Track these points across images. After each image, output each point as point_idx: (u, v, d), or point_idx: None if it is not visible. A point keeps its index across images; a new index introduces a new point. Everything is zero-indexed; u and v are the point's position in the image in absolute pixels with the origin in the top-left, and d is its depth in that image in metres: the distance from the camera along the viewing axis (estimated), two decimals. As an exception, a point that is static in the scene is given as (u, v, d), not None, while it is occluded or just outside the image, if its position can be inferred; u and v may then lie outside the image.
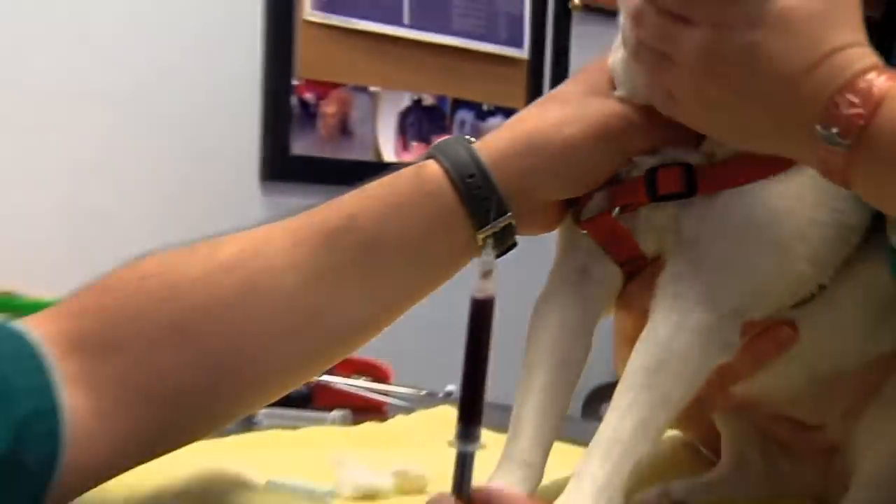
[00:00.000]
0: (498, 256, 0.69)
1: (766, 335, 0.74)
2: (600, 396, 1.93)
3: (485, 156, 0.68)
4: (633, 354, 0.69)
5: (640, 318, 0.73)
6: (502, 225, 0.68)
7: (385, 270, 0.69)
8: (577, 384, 0.98)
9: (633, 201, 0.70)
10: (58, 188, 2.05)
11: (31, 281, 1.72)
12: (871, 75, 0.61)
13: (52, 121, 2.05)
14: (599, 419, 0.77)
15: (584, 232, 0.72)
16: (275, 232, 0.68)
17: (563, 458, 0.79)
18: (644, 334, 0.70)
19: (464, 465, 0.54)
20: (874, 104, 0.60)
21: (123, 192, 2.11)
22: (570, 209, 0.73)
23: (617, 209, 0.70)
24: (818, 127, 0.60)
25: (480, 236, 0.68)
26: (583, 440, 0.72)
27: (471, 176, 0.68)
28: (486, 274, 0.53)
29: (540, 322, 0.76)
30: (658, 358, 0.68)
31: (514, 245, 0.71)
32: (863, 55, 0.62)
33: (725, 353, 0.70)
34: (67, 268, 1.62)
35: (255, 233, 0.68)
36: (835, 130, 0.60)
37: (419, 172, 0.69)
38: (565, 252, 0.76)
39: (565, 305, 0.76)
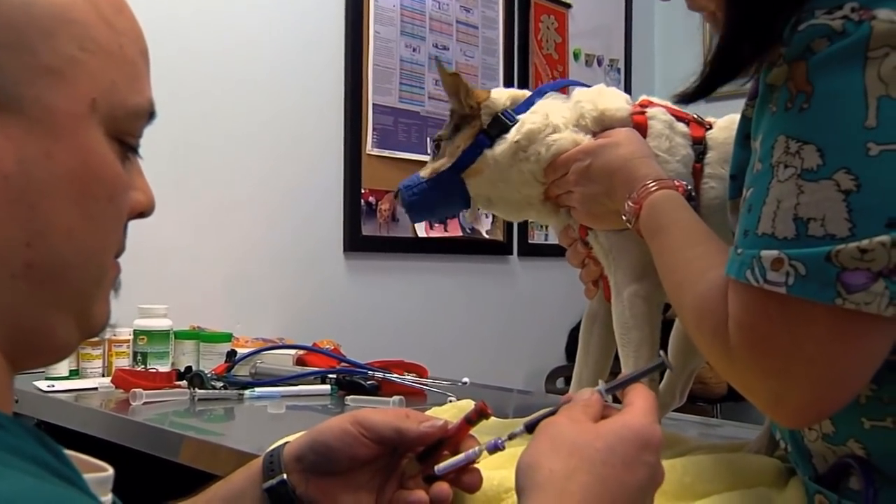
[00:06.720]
0: None
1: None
2: (557, 375, 3.08)
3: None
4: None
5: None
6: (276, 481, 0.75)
7: None
8: (543, 366, 2.43)
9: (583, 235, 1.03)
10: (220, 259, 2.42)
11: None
12: (650, 185, 0.84)
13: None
14: (558, 392, 1.27)
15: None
16: None
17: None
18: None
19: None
20: (640, 203, 0.86)
21: (262, 262, 2.55)
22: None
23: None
24: (623, 216, 0.90)
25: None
26: (547, 406, 0.74)
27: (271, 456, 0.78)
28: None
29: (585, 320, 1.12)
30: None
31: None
32: (647, 176, 0.86)
33: None
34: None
35: None
36: (626, 217, 0.89)
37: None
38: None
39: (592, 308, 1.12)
